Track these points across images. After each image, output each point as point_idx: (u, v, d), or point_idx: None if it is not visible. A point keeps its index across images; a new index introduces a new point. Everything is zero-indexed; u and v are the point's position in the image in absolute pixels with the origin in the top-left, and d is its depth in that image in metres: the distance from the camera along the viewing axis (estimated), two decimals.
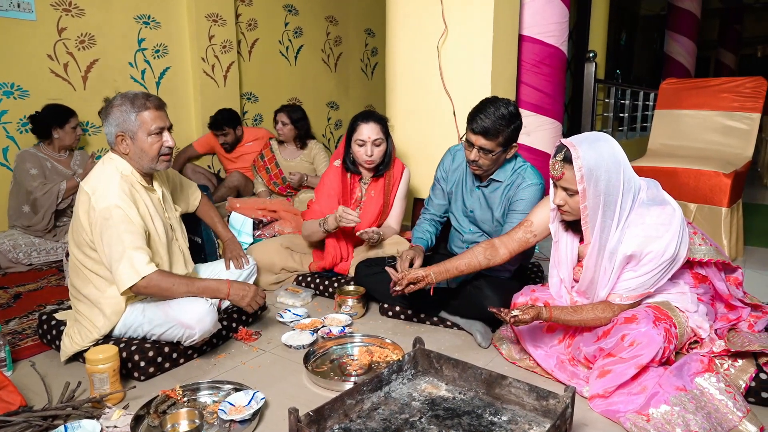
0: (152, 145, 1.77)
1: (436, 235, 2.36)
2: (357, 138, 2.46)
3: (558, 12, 3.19)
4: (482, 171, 2.08)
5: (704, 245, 1.75)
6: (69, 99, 3.49)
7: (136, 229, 1.71)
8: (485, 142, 1.97)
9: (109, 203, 1.69)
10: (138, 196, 1.79)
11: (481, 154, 2.00)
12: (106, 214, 1.68)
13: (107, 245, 1.68)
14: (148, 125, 1.75)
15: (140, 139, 1.76)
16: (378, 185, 2.59)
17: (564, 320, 1.66)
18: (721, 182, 2.92)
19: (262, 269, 2.54)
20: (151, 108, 1.76)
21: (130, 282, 1.67)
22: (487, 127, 1.94)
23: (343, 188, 2.56)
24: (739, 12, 11.12)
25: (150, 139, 1.76)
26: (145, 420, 1.48)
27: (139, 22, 3.85)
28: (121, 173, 1.77)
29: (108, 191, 1.71)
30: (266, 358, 1.92)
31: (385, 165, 2.55)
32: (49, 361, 1.88)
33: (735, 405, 1.46)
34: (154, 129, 1.76)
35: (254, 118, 4.79)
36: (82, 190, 1.76)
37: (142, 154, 1.78)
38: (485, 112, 1.95)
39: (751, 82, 3.22)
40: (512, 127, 1.98)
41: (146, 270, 1.69)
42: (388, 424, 1.37)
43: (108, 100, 1.83)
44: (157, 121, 1.77)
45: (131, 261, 1.67)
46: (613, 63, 9.19)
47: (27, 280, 2.76)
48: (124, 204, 1.71)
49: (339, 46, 5.57)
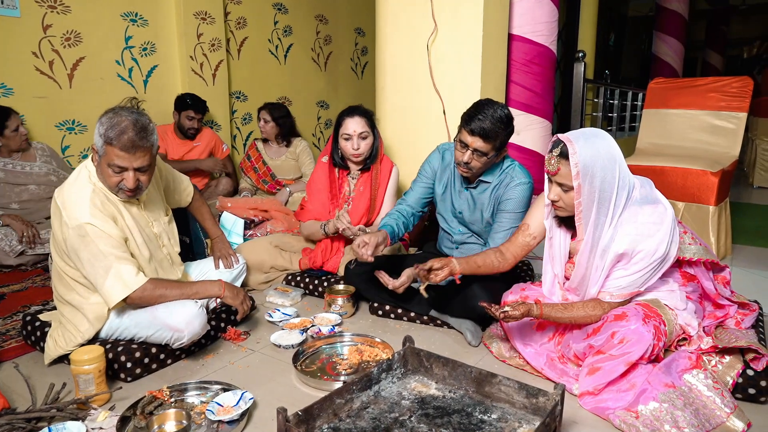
0: (110, 176, 1.67)
1: (406, 226, 2.25)
2: (343, 132, 2.48)
3: (547, 11, 3.21)
4: (471, 174, 2.06)
5: (694, 244, 1.76)
6: (55, 97, 3.44)
7: (115, 242, 1.66)
8: (482, 145, 1.93)
9: (81, 221, 1.62)
10: (113, 208, 1.72)
11: (474, 156, 1.97)
12: (80, 232, 1.62)
13: (88, 263, 1.63)
14: (109, 158, 1.64)
15: (102, 165, 1.67)
16: (366, 180, 2.59)
17: (554, 317, 1.66)
18: (709, 181, 2.95)
19: (252, 268, 2.52)
20: (117, 147, 1.61)
21: (121, 296, 1.64)
22: (486, 128, 1.90)
23: (331, 183, 2.57)
24: (726, 14, 11.26)
25: (109, 171, 1.67)
26: (132, 421, 1.45)
27: (126, 20, 3.81)
28: (94, 184, 1.70)
29: (78, 207, 1.64)
30: (255, 358, 1.91)
31: (372, 158, 2.57)
32: (33, 363, 1.85)
33: (723, 401, 1.47)
34: (113, 165, 1.64)
35: (243, 117, 4.76)
36: (54, 201, 1.70)
37: (103, 177, 1.70)
38: (483, 113, 1.91)
39: (738, 82, 3.25)
40: (507, 131, 1.97)
41: (136, 282, 1.65)
42: (378, 423, 1.36)
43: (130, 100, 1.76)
44: (119, 161, 1.63)
45: (119, 275, 1.63)
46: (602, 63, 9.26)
47: (11, 281, 2.71)
48: (96, 220, 1.64)
49: (329, 45, 5.55)
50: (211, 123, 4.38)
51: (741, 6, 10.97)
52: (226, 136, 4.50)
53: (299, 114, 5.30)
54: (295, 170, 3.83)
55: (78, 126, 3.63)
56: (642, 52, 12.04)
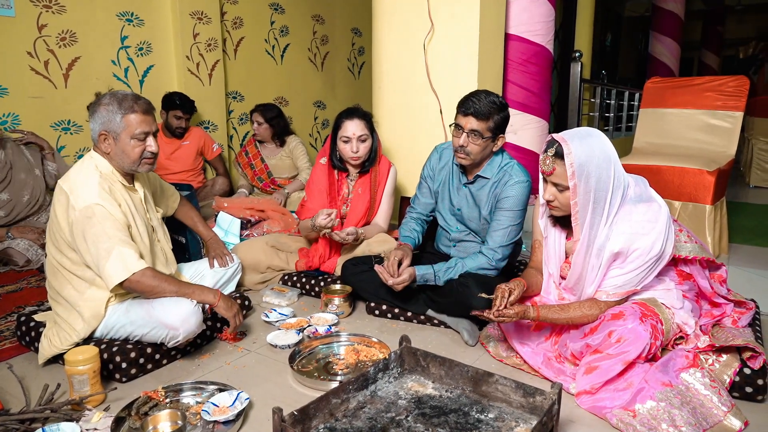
0: (134, 148, 1.74)
1: (423, 234, 2.35)
2: (342, 135, 2.46)
3: (544, 11, 3.21)
4: (469, 160, 2.05)
5: (689, 242, 1.76)
6: (50, 97, 3.42)
7: (120, 226, 1.69)
8: (476, 124, 1.96)
9: (89, 201, 1.65)
10: (119, 196, 1.76)
11: (470, 138, 1.99)
12: (88, 213, 1.64)
13: (92, 244, 1.64)
14: (132, 128, 1.72)
15: (123, 141, 1.73)
16: (364, 181, 2.58)
17: (551, 319, 1.66)
18: (705, 180, 2.95)
19: (248, 268, 2.51)
20: (138, 111, 1.73)
21: (121, 278, 1.64)
22: (478, 108, 1.95)
23: (330, 185, 2.56)
24: (722, 14, 11.30)
25: (133, 143, 1.73)
26: (127, 422, 1.44)
27: (121, 20, 3.79)
28: (101, 172, 1.74)
29: (87, 190, 1.68)
30: (251, 358, 1.90)
31: (370, 161, 2.56)
32: (27, 364, 1.83)
33: (720, 400, 1.47)
34: (138, 133, 1.73)
35: (240, 118, 4.75)
36: (60, 188, 1.71)
37: (123, 155, 1.74)
38: (477, 96, 1.98)
39: (734, 81, 3.26)
40: (502, 115, 2.00)
41: (137, 266, 1.66)
42: (374, 423, 1.35)
43: (99, 94, 1.80)
44: (142, 126, 1.73)
45: (121, 257, 1.64)
46: (599, 63, 9.28)
47: (6, 281, 2.70)
48: (105, 202, 1.67)
49: (326, 45, 5.54)
50: (207, 123, 4.36)
51: (736, 6, 11.02)
52: (223, 137, 4.49)
53: (296, 114, 5.30)
54: (290, 168, 3.83)
55: (73, 126, 3.61)
56: (638, 52, 12.07)
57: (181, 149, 3.83)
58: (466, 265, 2.05)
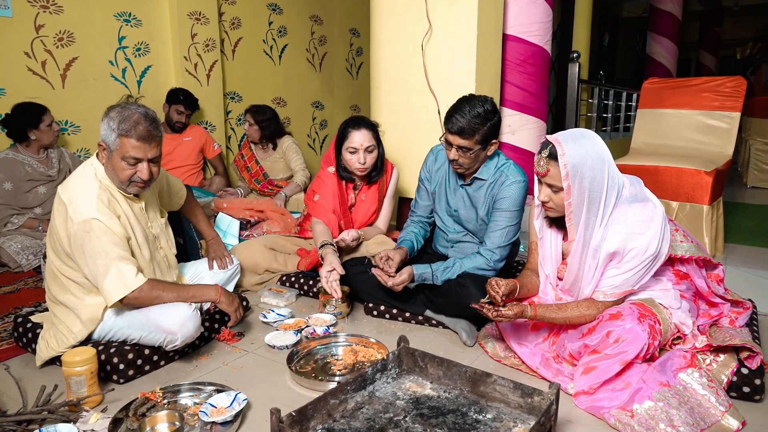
0: (124, 170, 1.69)
1: (424, 237, 2.34)
2: (349, 146, 2.41)
3: (542, 11, 3.21)
4: (464, 169, 2.07)
5: (685, 242, 1.77)
6: (47, 97, 3.41)
7: (119, 240, 1.67)
8: (462, 141, 1.96)
9: (87, 216, 1.63)
10: (118, 207, 1.73)
11: (459, 153, 1.99)
12: (86, 227, 1.62)
13: (90, 258, 1.62)
14: (123, 151, 1.67)
15: (115, 159, 1.69)
16: (370, 190, 2.57)
17: (549, 318, 1.66)
18: (703, 180, 2.96)
19: (246, 270, 2.50)
20: (133, 137, 1.66)
21: (119, 295, 1.63)
22: (462, 126, 1.93)
23: (341, 198, 2.53)
24: (719, 15, 11.32)
25: (123, 164, 1.69)
26: (124, 423, 1.44)
27: (119, 20, 3.78)
28: (100, 182, 1.72)
29: (86, 202, 1.65)
30: (249, 358, 1.90)
31: (378, 171, 2.53)
32: (24, 365, 1.83)
33: (717, 400, 1.47)
34: (128, 157, 1.68)
35: (238, 118, 4.75)
36: (59, 198, 1.69)
37: (114, 173, 1.72)
38: (461, 111, 1.94)
39: (731, 82, 3.26)
40: (489, 125, 1.97)
41: (135, 283, 1.65)
42: (372, 423, 1.35)
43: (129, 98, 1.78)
44: (135, 152, 1.67)
45: (119, 274, 1.63)
46: (597, 64, 9.29)
47: (3, 282, 2.69)
48: (103, 216, 1.65)
49: (324, 46, 5.54)
50: (206, 123, 4.36)
51: (734, 7, 11.04)
52: (221, 137, 4.48)
53: (294, 115, 5.30)
54: (285, 170, 3.83)
55: (71, 126, 3.60)
56: (636, 52, 12.09)
57: (182, 145, 3.85)
58: (464, 265, 2.05)
